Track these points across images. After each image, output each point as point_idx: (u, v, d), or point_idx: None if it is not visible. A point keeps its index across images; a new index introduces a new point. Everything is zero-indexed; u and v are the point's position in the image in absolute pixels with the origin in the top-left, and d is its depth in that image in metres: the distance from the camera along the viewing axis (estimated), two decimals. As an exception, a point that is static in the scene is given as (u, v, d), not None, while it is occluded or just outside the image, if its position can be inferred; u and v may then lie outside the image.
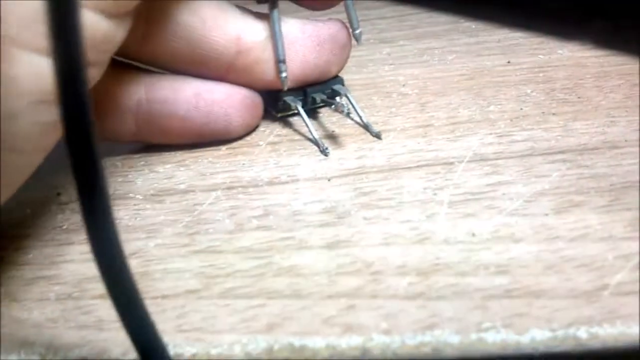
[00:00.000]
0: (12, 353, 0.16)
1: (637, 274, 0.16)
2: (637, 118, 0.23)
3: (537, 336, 0.14)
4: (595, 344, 0.14)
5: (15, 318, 0.17)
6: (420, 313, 0.15)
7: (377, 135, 0.23)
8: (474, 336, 0.15)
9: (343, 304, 0.16)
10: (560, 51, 0.28)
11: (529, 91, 0.25)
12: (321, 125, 0.24)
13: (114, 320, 0.16)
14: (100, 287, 0.17)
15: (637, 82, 0.25)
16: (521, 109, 0.24)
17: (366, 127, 0.23)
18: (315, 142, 0.23)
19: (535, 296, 0.15)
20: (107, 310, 0.17)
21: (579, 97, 0.24)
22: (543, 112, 0.23)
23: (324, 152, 0.22)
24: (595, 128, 0.22)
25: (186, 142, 0.23)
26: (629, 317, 0.15)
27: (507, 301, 0.16)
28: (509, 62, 0.28)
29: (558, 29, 0.30)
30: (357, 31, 0.24)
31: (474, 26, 0.32)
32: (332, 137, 0.23)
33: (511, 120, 0.23)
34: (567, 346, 0.14)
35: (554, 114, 0.23)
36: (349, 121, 0.24)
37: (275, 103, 0.24)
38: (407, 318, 0.15)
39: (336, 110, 0.22)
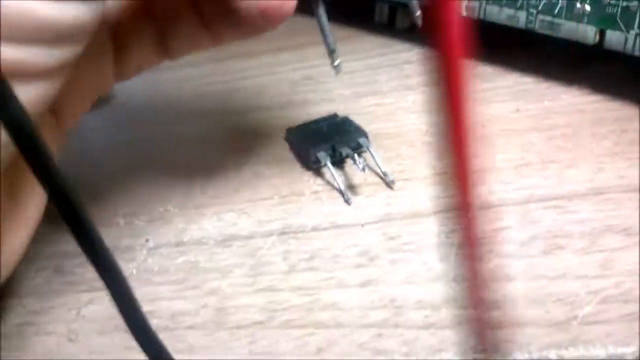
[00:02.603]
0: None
1: (601, 307, 0.20)
2: (622, 165, 0.27)
3: (518, 358, 0.19)
4: (563, 364, 0.19)
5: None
6: (432, 339, 0.20)
7: (389, 185, 0.27)
8: (471, 358, 0.20)
9: (373, 332, 0.21)
10: (564, 96, 0.32)
11: (532, 139, 0.29)
12: (347, 176, 0.29)
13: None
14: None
15: (627, 127, 0.29)
16: (523, 157, 0.28)
17: (382, 177, 0.28)
18: (340, 192, 0.27)
19: (520, 326, 0.20)
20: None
21: (574, 145, 0.28)
22: (542, 160, 0.28)
23: (348, 201, 0.27)
24: (586, 175, 0.26)
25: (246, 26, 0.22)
26: (590, 342, 0.19)
27: (498, 330, 0.20)
28: (517, 109, 0.32)
29: (561, 73, 0.34)
30: (336, 62, 0.24)
31: (490, 70, 0.36)
32: (360, 186, 0.28)
33: (514, 169, 0.27)
34: (541, 365, 0.19)
35: (552, 161, 0.28)
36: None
37: (309, 158, 0.29)
38: (421, 344, 0.20)
39: (354, 164, 0.27)
